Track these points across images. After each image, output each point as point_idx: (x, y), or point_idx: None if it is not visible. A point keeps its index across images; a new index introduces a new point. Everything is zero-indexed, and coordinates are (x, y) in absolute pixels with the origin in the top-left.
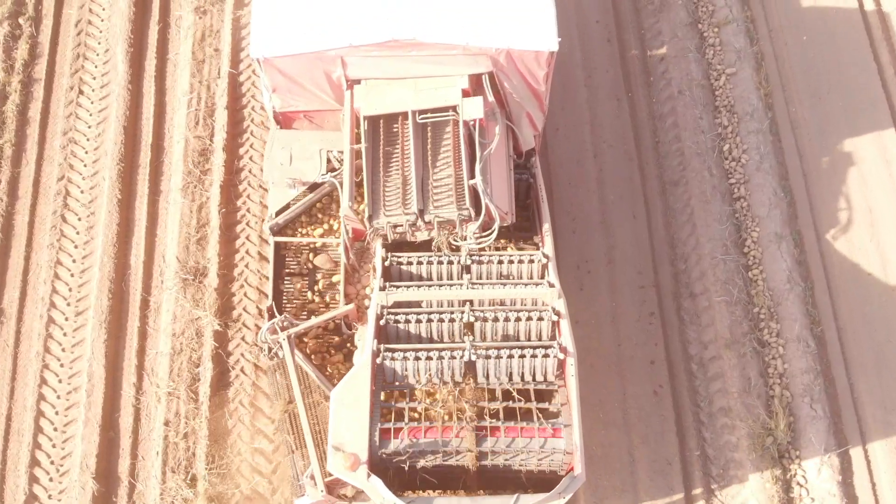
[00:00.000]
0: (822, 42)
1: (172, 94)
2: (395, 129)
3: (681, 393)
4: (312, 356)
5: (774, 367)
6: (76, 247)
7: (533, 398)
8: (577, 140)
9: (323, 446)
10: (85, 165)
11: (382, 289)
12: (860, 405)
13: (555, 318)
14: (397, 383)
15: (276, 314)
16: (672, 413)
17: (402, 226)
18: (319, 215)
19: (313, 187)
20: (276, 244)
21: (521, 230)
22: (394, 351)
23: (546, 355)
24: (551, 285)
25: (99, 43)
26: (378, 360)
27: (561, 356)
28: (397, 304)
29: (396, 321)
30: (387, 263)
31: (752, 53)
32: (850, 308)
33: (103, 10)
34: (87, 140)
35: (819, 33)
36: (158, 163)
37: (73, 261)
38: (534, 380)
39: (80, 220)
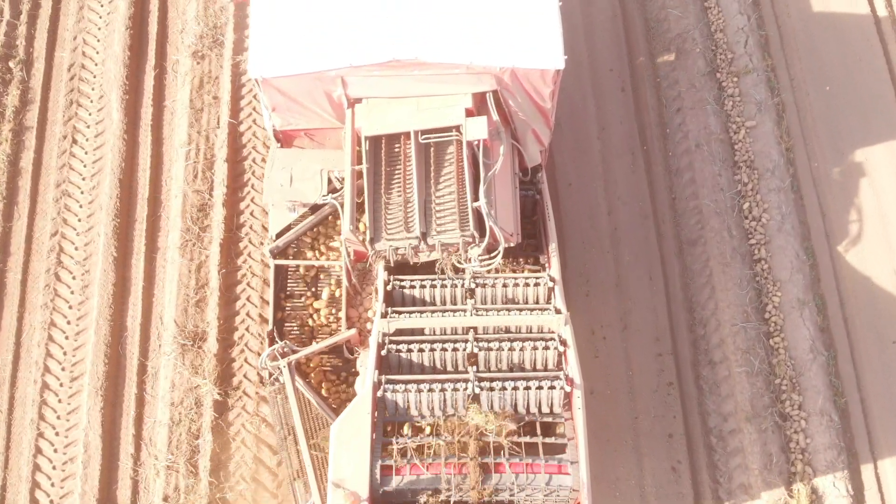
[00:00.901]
0: (845, 92)
1: (170, 145)
2: (397, 149)
3: (699, 469)
4: (312, 376)
5: (796, 441)
6: (71, 307)
7: (539, 431)
8: (591, 196)
9: (324, 479)
10: (79, 220)
11: (384, 315)
12: (885, 483)
13: (561, 348)
14: (399, 416)
15: (277, 340)
16: (691, 490)
17: (404, 248)
18: (322, 237)
19: (314, 209)
20: (277, 267)
21: (527, 246)
22: (395, 382)
23: (552, 387)
24: (558, 311)
25: (93, 89)
26: (379, 394)
27: (567, 388)
28: (400, 332)
29: (398, 350)
30: (389, 287)
31: (773, 105)
32: (875, 379)
33: (97, 53)
34: (82, 193)
35: (842, 83)
36: (156, 217)
37: (68, 322)
38: (539, 412)
39: (74, 278)
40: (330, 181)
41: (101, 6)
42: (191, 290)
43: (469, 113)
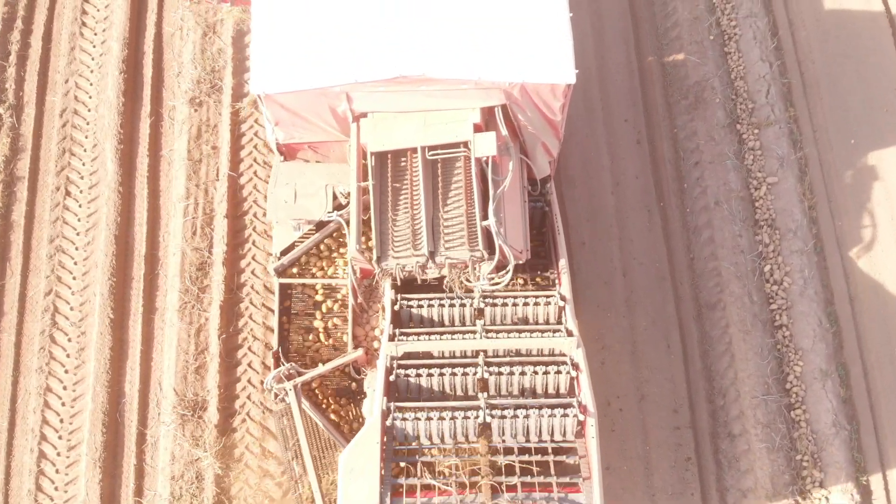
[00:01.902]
0: (870, 146)
1: (167, 197)
2: (404, 164)
3: None
4: (318, 392)
5: None
6: (67, 371)
7: (550, 452)
8: (605, 256)
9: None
10: (74, 278)
11: (392, 338)
12: None
13: (574, 372)
14: (408, 444)
15: (283, 361)
16: None
17: (411, 266)
18: (327, 252)
19: (319, 226)
20: (281, 286)
21: (536, 259)
22: (405, 410)
23: (565, 415)
24: (569, 333)
25: (86, 136)
26: (388, 422)
27: (581, 417)
28: (408, 354)
29: (407, 375)
30: (396, 307)
31: (796, 160)
32: None
33: (90, 97)
34: (76, 249)
35: (867, 136)
36: (153, 276)
37: (64, 387)
38: (552, 439)
39: (70, 340)
40: (335, 197)
41: (94, 47)
42: (190, 355)
43: (477, 128)
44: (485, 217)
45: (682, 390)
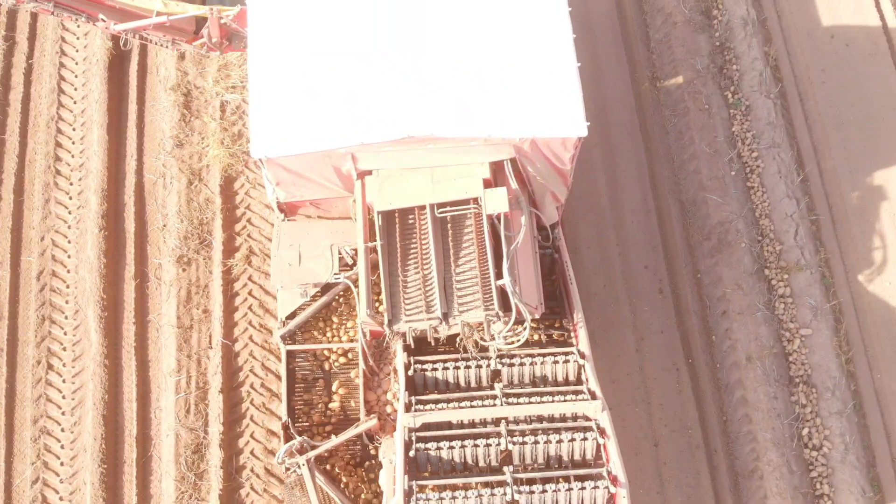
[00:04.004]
0: None
1: (157, 368)
2: (412, 221)
3: None
4: (331, 465)
5: None
6: None
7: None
8: (633, 424)
9: None
10: (62, 464)
11: (408, 408)
12: None
13: (601, 439)
14: None
15: (293, 432)
16: None
17: (424, 327)
18: (334, 318)
19: (326, 288)
20: (288, 353)
21: (549, 302)
22: (427, 490)
23: (595, 487)
24: (592, 394)
25: (66, 301)
26: (411, 503)
27: (613, 489)
28: (426, 425)
29: (427, 448)
30: (410, 372)
31: (830, 308)
32: None
33: (68, 257)
34: (62, 430)
35: None
36: (146, 458)
37: None
38: None
39: None
40: (341, 256)
41: (70, 199)
42: None
43: (487, 183)
44: (499, 276)
45: None
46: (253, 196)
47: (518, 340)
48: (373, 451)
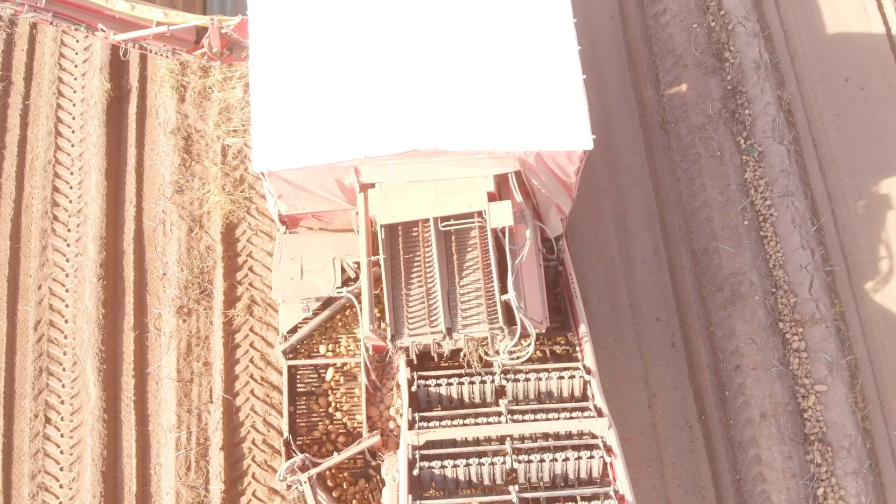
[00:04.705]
0: None
1: (156, 423)
2: (415, 235)
3: None
4: (333, 481)
5: None
6: None
7: None
8: (646, 485)
9: None
10: None
11: (412, 425)
12: None
13: (608, 458)
14: None
15: (294, 449)
16: None
17: (427, 342)
18: (333, 334)
19: (328, 302)
20: (290, 369)
21: (553, 316)
22: None
23: None
24: (599, 411)
25: (64, 353)
26: None
27: None
28: (430, 443)
29: (431, 467)
30: (413, 388)
31: (845, 364)
32: None
33: (66, 306)
34: (61, 487)
35: None
36: None
37: None
38: None
39: None
40: (343, 270)
41: (68, 246)
42: None
43: (491, 196)
44: (504, 290)
45: None
46: (255, 243)
47: (523, 356)
48: (373, 469)
